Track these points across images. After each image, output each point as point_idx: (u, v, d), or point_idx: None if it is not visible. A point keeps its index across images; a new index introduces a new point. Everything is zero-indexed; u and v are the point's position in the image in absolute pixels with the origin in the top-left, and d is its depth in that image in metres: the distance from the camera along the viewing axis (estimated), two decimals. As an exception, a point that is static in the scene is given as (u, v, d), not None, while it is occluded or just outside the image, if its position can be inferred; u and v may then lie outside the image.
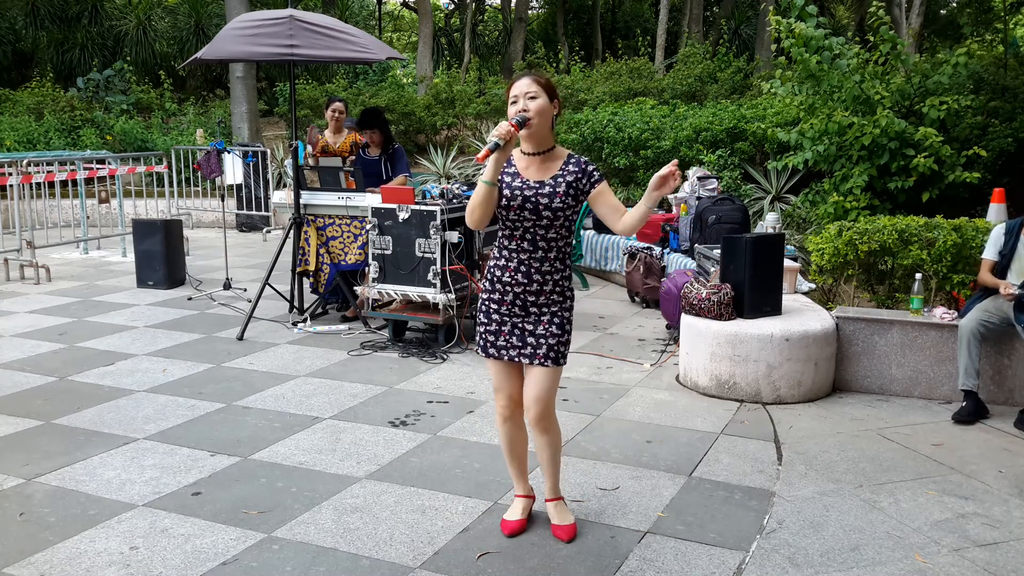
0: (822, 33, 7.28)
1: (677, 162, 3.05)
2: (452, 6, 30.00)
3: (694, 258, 6.89)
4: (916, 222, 5.75)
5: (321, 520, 3.57)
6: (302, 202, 6.89)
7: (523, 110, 3.12)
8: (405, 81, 19.46)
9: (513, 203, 3.18)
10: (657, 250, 7.48)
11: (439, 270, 6.05)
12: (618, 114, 10.81)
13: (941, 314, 5.15)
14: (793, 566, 3.22)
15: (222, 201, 9.30)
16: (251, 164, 12.01)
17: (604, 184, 3.22)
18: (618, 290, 8.39)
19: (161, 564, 3.21)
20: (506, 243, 3.26)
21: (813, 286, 6.45)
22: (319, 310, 7.21)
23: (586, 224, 8.93)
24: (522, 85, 3.15)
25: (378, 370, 5.71)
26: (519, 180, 3.21)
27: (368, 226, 6.35)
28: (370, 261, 6.30)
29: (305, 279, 7.16)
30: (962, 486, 3.95)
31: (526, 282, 3.24)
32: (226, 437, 4.50)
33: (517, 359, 3.29)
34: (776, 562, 3.25)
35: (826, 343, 5.19)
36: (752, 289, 5.27)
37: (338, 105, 7.34)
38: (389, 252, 6.22)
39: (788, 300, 5.59)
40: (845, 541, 3.42)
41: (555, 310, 3.29)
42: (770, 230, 6.24)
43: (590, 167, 3.23)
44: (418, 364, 5.85)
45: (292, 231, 6.93)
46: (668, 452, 4.33)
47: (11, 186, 9.61)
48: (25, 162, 9.79)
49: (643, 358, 6.04)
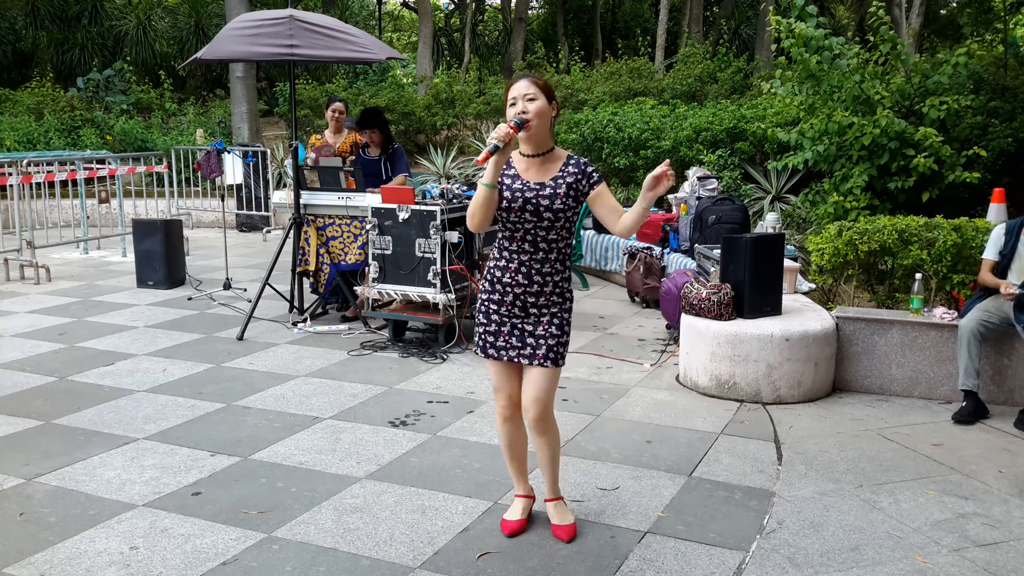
0: (822, 33, 7.28)
1: (669, 162, 3.05)
2: (452, 6, 30.01)
3: (694, 258, 6.89)
4: (916, 222, 5.75)
5: (321, 520, 3.57)
6: (302, 202, 6.90)
7: (522, 112, 3.12)
8: (405, 81, 19.46)
9: (514, 205, 3.17)
10: (657, 250, 7.48)
11: (439, 270, 6.05)
12: (618, 114, 10.81)
13: (941, 314, 5.15)
14: (793, 566, 3.22)
15: (222, 201, 9.30)
16: (251, 164, 12.01)
17: (603, 185, 3.22)
18: (618, 290, 8.39)
19: (161, 564, 3.21)
20: (506, 244, 3.26)
21: (813, 286, 6.45)
22: (319, 310, 7.22)
23: (586, 224, 8.93)
24: (520, 87, 3.15)
25: (378, 370, 5.71)
26: (519, 182, 3.21)
27: (368, 226, 6.35)
28: (370, 261, 6.30)
29: (305, 279, 7.17)
30: (962, 486, 3.95)
31: (526, 283, 3.24)
32: (226, 437, 4.50)
33: (516, 360, 3.29)
34: (776, 562, 3.25)
35: (826, 343, 5.19)
36: (752, 289, 5.27)
37: (338, 105, 7.35)
38: (389, 252, 6.22)
39: (788, 300, 5.59)
40: (845, 541, 3.42)
41: (555, 311, 3.29)
42: (770, 230, 6.24)
43: (589, 168, 3.23)
44: (418, 364, 5.85)
45: (292, 231, 6.93)
46: (668, 452, 4.33)
47: (11, 186, 9.61)
48: (25, 162, 9.80)
49: (643, 358, 6.04)
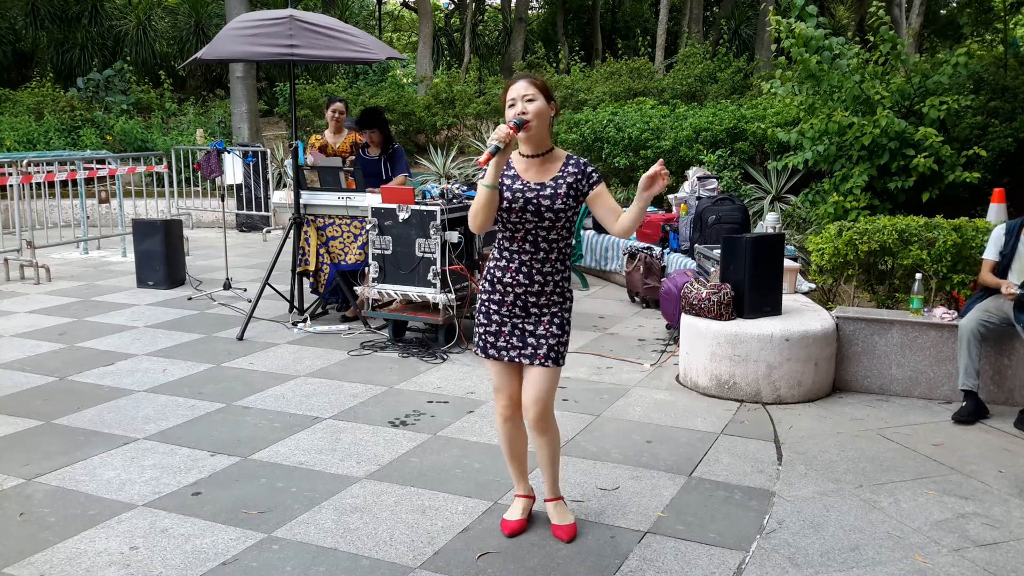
0: (822, 33, 7.28)
1: (663, 161, 3.05)
2: (452, 6, 30.01)
3: (694, 258, 6.89)
4: (916, 222, 5.75)
5: (321, 520, 3.57)
6: (302, 202, 6.90)
7: (521, 113, 3.12)
8: (405, 81, 19.46)
9: (514, 205, 3.17)
10: (657, 250, 7.48)
11: (439, 270, 6.05)
12: (618, 114, 10.81)
13: (941, 314, 5.15)
14: (793, 566, 3.22)
15: (222, 201, 9.30)
16: (251, 164, 12.01)
17: (602, 185, 3.23)
18: (618, 290, 8.39)
19: (161, 564, 3.21)
20: (507, 244, 3.26)
21: (813, 286, 6.45)
22: (319, 310, 7.22)
23: (586, 224, 8.93)
24: (519, 88, 3.15)
25: (378, 370, 5.71)
26: (519, 182, 3.21)
27: (368, 226, 6.35)
28: (370, 261, 6.30)
29: (305, 279, 7.17)
30: (962, 486, 3.95)
31: (527, 283, 3.24)
32: (226, 437, 4.50)
33: (517, 360, 3.29)
34: (776, 562, 3.25)
35: (826, 343, 5.19)
36: (752, 289, 5.27)
37: (338, 105, 7.35)
38: (389, 252, 6.22)
39: (788, 300, 5.59)
40: (845, 541, 3.42)
41: (555, 311, 3.29)
42: (770, 230, 6.24)
43: (589, 168, 3.23)
44: (418, 364, 5.85)
45: (292, 231, 6.93)
46: (668, 452, 4.33)
47: (11, 186, 9.61)
48: (25, 162, 9.80)
49: (643, 358, 6.04)
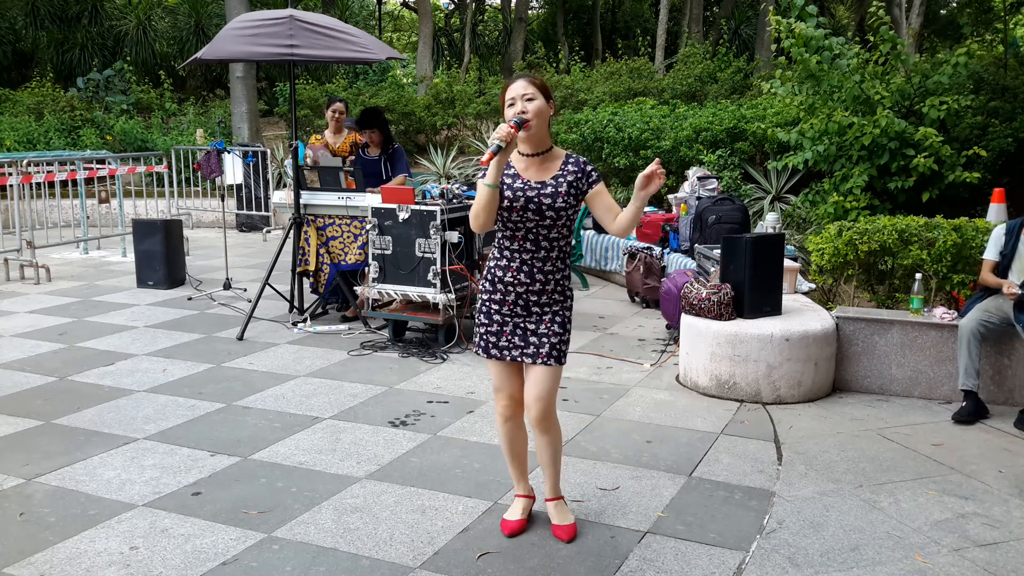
0: (822, 33, 7.28)
1: (660, 160, 3.07)
2: (452, 6, 30.01)
3: (694, 258, 6.89)
4: (916, 222, 5.75)
5: (321, 520, 3.57)
6: (302, 202, 6.90)
7: (521, 112, 3.12)
8: (405, 81, 19.46)
9: (516, 204, 3.18)
10: (657, 250, 7.48)
11: (439, 270, 6.05)
12: (618, 114, 10.81)
13: (941, 314, 5.15)
14: (793, 566, 3.22)
15: (222, 201, 9.30)
16: (251, 164, 12.01)
17: (601, 184, 3.24)
18: (618, 290, 8.39)
19: (161, 564, 3.21)
20: (507, 244, 3.26)
21: (813, 286, 6.45)
22: (319, 310, 7.22)
23: (586, 224, 8.92)
24: (518, 87, 3.16)
25: (378, 370, 5.71)
26: (520, 181, 3.21)
27: (368, 226, 6.35)
28: (370, 261, 6.30)
29: (305, 279, 7.17)
30: (962, 486, 3.95)
31: (528, 282, 3.24)
32: (226, 437, 4.50)
33: (519, 359, 3.29)
34: (776, 562, 3.25)
35: (826, 343, 5.19)
36: (752, 289, 5.27)
37: (338, 105, 7.35)
38: (389, 252, 6.22)
39: (788, 300, 5.59)
40: (845, 541, 3.42)
41: (556, 309, 3.29)
42: (770, 230, 6.24)
43: (588, 167, 3.24)
44: (418, 364, 5.85)
45: (292, 231, 6.93)
46: (668, 452, 4.33)
47: (11, 186, 9.61)
48: (25, 162, 9.80)
49: (643, 358, 6.04)
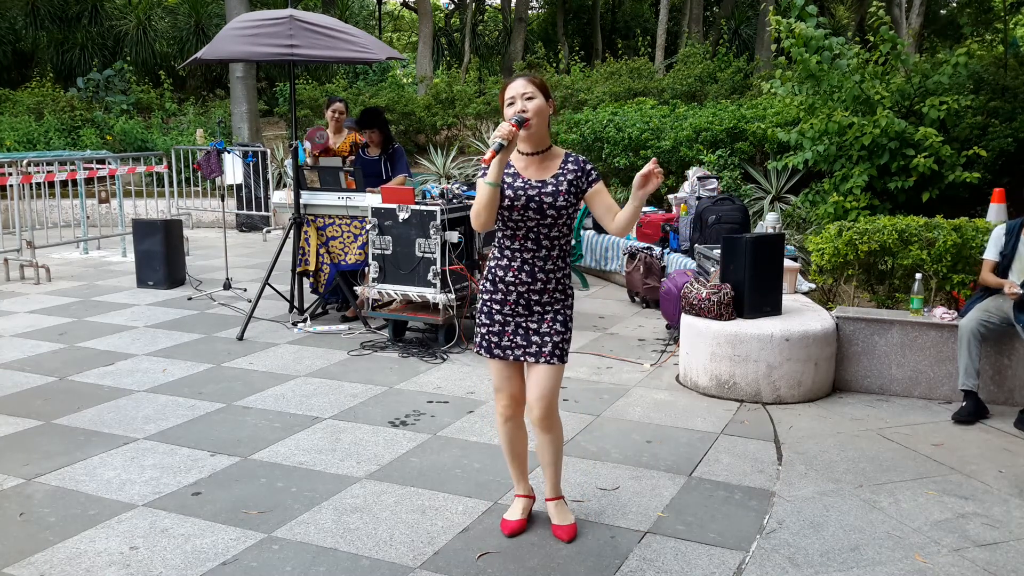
0: (822, 33, 7.28)
1: (657, 160, 3.08)
2: (452, 6, 30.01)
3: (694, 258, 6.89)
4: (916, 222, 5.75)
5: (321, 520, 3.57)
6: (302, 202, 6.90)
7: (522, 111, 3.13)
8: (405, 81, 19.46)
9: (517, 203, 3.18)
10: (657, 250, 7.48)
11: (439, 270, 6.05)
12: (618, 114, 10.81)
13: (941, 314, 5.15)
14: (793, 566, 3.22)
15: (222, 201, 9.30)
16: (251, 164, 12.01)
17: (601, 183, 3.25)
18: (618, 290, 8.39)
19: (161, 564, 3.21)
20: (508, 243, 3.27)
21: (813, 286, 6.45)
22: (319, 310, 7.21)
23: (586, 224, 8.92)
24: (518, 86, 3.17)
25: (378, 370, 5.71)
26: (520, 180, 3.22)
27: (368, 226, 6.35)
28: (370, 261, 6.30)
29: (305, 279, 7.17)
30: (962, 486, 3.95)
31: (530, 281, 3.24)
32: (226, 437, 4.50)
33: (522, 358, 3.29)
34: (776, 562, 3.25)
35: (826, 343, 5.19)
36: (752, 289, 5.27)
37: (338, 105, 7.35)
38: (389, 252, 6.22)
39: (788, 300, 5.59)
40: (845, 541, 3.42)
41: (558, 308, 3.30)
42: (770, 230, 6.24)
43: (588, 166, 3.25)
44: (418, 364, 5.85)
45: (292, 231, 6.93)
46: (668, 452, 4.33)
47: (11, 186, 9.61)
48: (25, 162, 9.79)
49: (643, 358, 6.04)
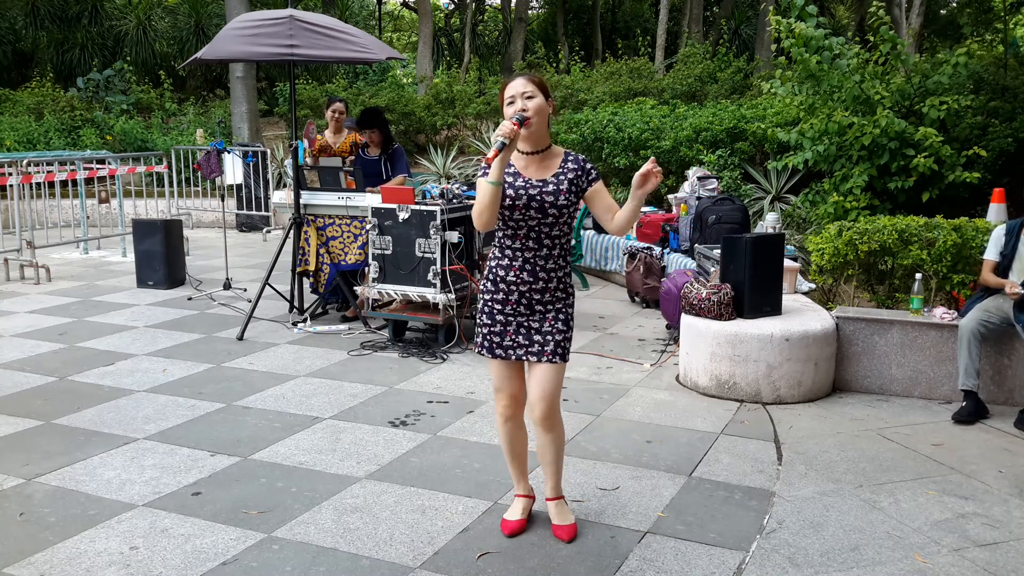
0: (822, 33, 7.28)
1: (655, 159, 3.08)
2: (452, 6, 30.01)
3: (694, 258, 6.89)
4: (916, 222, 5.75)
5: (321, 520, 3.57)
6: (302, 202, 6.90)
7: (522, 110, 3.13)
8: (405, 81, 19.46)
9: (518, 202, 3.18)
10: (657, 250, 7.48)
11: (439, 270, 6.05)
12: (618, 114, 10.81)
13: (941, 314, 5.15)
14: (793, 566, 3.22)
15: (222, 201, 9.30)
16: (251, 164, 12.01)
17: (601, 183, 3.26)
18: (618, 290, 8.39)
19: (161, 564, 3.21)
20: (508, 243, 3.27)
21: (813, 286, 6.45)
22: (319, 310, 7.21)
23: (586, 224, 8.92)
24: (517, 85, 3.17)
25: (378, 370, 5.71)
26: (521, 179, 3.22)
27: (368, 226, 6.35)
28: (370, 261, 6.30)
29: (305, 279, 7.17)
30: (962, 486, 3.95)
31: (531, 280, 3.25)
32: (226, 437, 4.50)
33: (524, 358, 3.29)
34: (776, 562, 3.25)
35: (826, 343, 5.19)
36: (752, 289, 5.27)
37: (338, 105, 7.34)
38: (389, 252, 6.22)
39: (788, 300, 5.59)
40: (845, 541, 3.42)
41: (559, 307, 3.30)
42: (770, 230, 6.24)
43: (588, 165, 3.26)
44: (418, 364, 5.85)
45: (292, 231, 6.93)
46: (668, 452, 4.33)
47: (11, 186, 9.61)
48: (25, 162, 9.79)
49: (643, 358, 6.04)
